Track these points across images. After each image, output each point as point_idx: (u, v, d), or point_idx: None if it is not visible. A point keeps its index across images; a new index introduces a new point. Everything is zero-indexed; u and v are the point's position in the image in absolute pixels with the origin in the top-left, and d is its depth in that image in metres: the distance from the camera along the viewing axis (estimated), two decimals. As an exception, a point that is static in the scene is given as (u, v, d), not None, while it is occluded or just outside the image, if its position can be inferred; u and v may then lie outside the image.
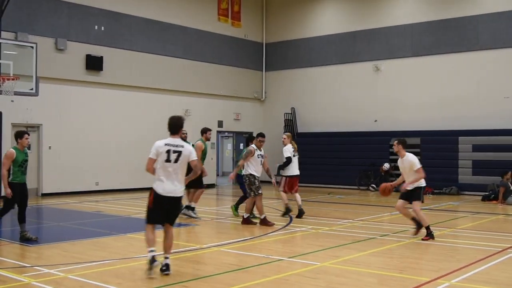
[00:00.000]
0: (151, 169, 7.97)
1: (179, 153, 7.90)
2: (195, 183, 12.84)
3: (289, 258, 9.11)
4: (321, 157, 24.54)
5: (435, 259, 9.14)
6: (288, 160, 14.12)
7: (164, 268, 7.81)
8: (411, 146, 23.03)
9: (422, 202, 11.67)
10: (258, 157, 13.11)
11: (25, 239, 10.47)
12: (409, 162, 10.94)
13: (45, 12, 20.04)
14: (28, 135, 10.70)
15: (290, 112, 26.91)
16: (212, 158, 26.02)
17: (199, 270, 8.24)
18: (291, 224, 13.04)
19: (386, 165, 22.39)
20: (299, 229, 12.37)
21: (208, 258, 9.19)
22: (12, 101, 17.98)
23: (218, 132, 26.78)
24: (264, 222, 12.67)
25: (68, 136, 20.31)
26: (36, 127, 19.90)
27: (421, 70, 23.55)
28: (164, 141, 8.03)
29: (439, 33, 23.14)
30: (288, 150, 14.26)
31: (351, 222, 13.50)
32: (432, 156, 21.62)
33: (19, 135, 10.56)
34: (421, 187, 11.05)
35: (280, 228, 12.42)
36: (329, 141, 24.89)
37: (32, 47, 14.63)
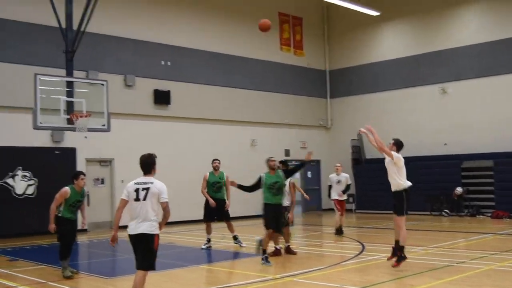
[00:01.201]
0: (119, 211, 7.66)
1: (147, 190, 7.58)
2: (225, 216, 13.75)
3: (363, 287, 8.93)
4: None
5: (518, 286, 8.77)
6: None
7: None
8: (484, 169, 22.59)
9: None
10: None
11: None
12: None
13: (113, 50, 20.72)
14: (84, 175, 10.92)
15: (357, 138, 26.66)
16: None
17: (273, 301, 8.17)
18: (363, 253, 12.82)
19: (459, 189, 21.80)
20: (371, 257, 12.13)
21: (282, 288, 9.13)
22: (85, 137, 18.63)
23: (284, 161, 26.70)
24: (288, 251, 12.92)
25: (139, 170, 20.68)
26: (109, 162, 20.46)
27: (489, 90, 22.93)
28: (134, 181, 7.78)
29: (506, 52, 22.52)
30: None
31: (425, 249, 13.14)
32: (507, 178, 20.90)
33: (75, 176, 10.83)
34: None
35: (353, 257, 12.22)
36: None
37: (103, 84, 15.05)
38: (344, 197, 17.00)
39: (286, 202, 12.83)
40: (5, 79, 18.15)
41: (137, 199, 7.53)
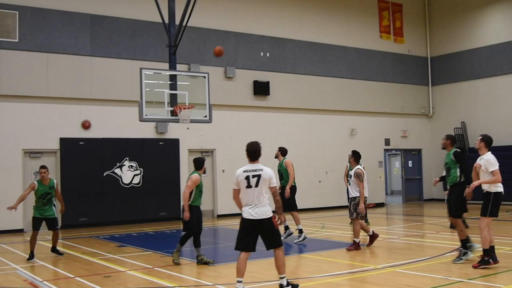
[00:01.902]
0: (236, 199, 8.16)
1: (259, 176, 7.95)
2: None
3: (469, 280, 8.70)
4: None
5: None
6: None
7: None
8: None
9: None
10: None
11: (202, 263, 10.85)
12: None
13: (214, 43, 21.11)
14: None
15: (460, 126, 25.81)
16: (380, 177, 25.68)
17: (375, 290, 8.13)
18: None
19: None
20: (478, 249, 11.75)
21: (384, 279, 9.02)
22: (188, 128, 19.25)
23: (385, 150, 26.38)
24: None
25: (239, 159, 21.06)
26: (210, 152, 20.97)
27: None
28: (242, 168, 8.15)
29: None
30: None
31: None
32: None
33: (201, 164, 11.06)
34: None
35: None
36: (504, 155, 23.46)
37: (204, 76, 15.39)
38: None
39: (354, 192, 12.41)
40: (114, 74, 19.03)
41: (249, 186, 7.93)
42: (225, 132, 20.98)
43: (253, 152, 8.24)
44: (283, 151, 14.45)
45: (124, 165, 19.20)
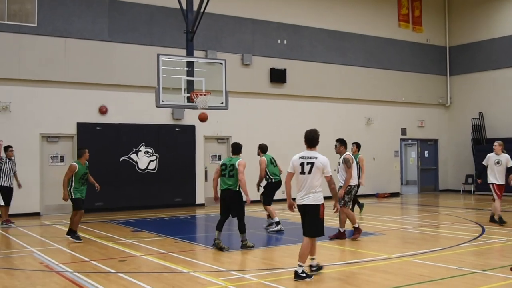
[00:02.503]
0: (287, 183, 8.53)
1: (312, 164, 8.22)
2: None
3: (484, 271, 8.67)
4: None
5: None
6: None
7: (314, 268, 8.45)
8: None
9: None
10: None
11: (245, 247, 10.86)
12: None
13: (231, 30, 21.14)
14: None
15: (478, 117, 25.61)
16: (396, 167, 25.59)
17: (388, 280, 8.12)
18: (483, 235, 12.40)
19: None
20: (493, 240, 11.72)
21: (398, 268, 9.01)
22: (204, 114, 19.25)
23: (402, 140, 26.25)
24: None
25: (255, 147, 21.08)
26: (226, 139, 21.00)
27: None
28: (298, 154, 8.50)
29: None
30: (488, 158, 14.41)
31: (552, 234, 12.49)
32: None
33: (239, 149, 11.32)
34: None
35: (472, 239, 11.86)
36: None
37: (221, 63, 15.40)
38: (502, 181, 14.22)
39: (342, 179, 12.03)
40: (131, 59, 19.08)
41: (302, 173, 8.24)
42: (241, 119, 20.98)
43: (311, 139, 8.51)
44: (263, 149, 14.61)
45: (140, 150, 19.29)
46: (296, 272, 8.09)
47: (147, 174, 19.31)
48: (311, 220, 8.21)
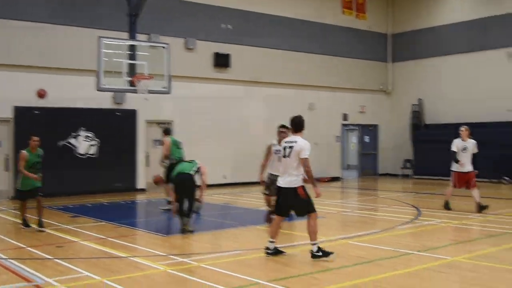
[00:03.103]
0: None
1: (291, 148, 8.50)
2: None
3: (418, 252, 8.94)
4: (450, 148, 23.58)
5: None
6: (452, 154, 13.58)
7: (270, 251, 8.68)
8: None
9: None
10: (276, 153, 11.27)
11: (185, 232, 10.82)
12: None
13: (175, 13, 20.90)
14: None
15: (417, 103, 26.21)
16: (337, 151, 25.97)
17: (327, 262, 8.27)
18: (419, 218, 12.75)
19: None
20: (427, 222, 12.07)
21: (336, 250, 9.15)
22: (146, 99, 18.93)
23: (343, 125, 26.64)
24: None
25: (197, 131, 21.04)
26: (168, 124, 20.80)
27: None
28: (285, 139, 8.95)
29: None
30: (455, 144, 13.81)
31: (484, 216, 12.95)
32: None
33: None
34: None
35: (408, 222, 12.19)
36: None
37: (164, 47, 15.24)
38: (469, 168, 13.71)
39: None
40: (71, 42, 18.57)
41: (284, 156, 8.56)
42: (184, 104, 20.81)
43: (295, 124, 8.81)
44: (166, 131, 14.86)
45: (80, 135, 18.92)
46: (311, 252, 8.41)
47: (87, 159, 18.96)
48: (295, 203, 8.51)
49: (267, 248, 8.69)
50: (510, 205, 15.27)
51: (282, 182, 8.55)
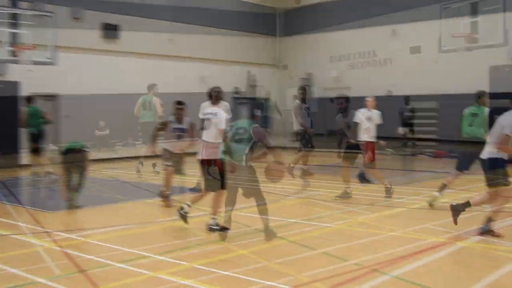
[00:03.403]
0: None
1: (210, 120, 8.68)
2: None
3: (303, 221, 9.28)
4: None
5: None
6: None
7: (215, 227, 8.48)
8: (428, 110, 23.01)
9: None
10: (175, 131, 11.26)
11: (72, 207, 10.65)
12: None
13: (61, -20, 20.12)
14: None
15: (306, 77, 26.87)
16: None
17: (220, 235, 8.38)
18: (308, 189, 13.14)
19: (402, 129, 22.13)
20: (315, 193, 12.47)
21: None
22: (30, 70, 18.16)
23: (235, 98, 26.84)
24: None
25: (85, 105, 20.49)
26: (53, 97, 20.11)
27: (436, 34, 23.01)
28: (205, 111, 9.22)
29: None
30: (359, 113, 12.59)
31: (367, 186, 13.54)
32: (449, 120, 21.42)
33: None
34: None
35: (296, 193, 12.56)
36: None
37: (49, 16, 14.70)
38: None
39: None
40: None
41: (204, 128, 8.71)
42: (71, 76, 20.14)
43: (213, 96, 9.12)
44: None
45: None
46: (208, 225, 8.44)
47: (-33, 132, 18.02)
48: (211, 174, 8.52)
49: (210, 225, 8.49)
50: (391, 175, 16.04)
51: (204, 154, 8.62)
